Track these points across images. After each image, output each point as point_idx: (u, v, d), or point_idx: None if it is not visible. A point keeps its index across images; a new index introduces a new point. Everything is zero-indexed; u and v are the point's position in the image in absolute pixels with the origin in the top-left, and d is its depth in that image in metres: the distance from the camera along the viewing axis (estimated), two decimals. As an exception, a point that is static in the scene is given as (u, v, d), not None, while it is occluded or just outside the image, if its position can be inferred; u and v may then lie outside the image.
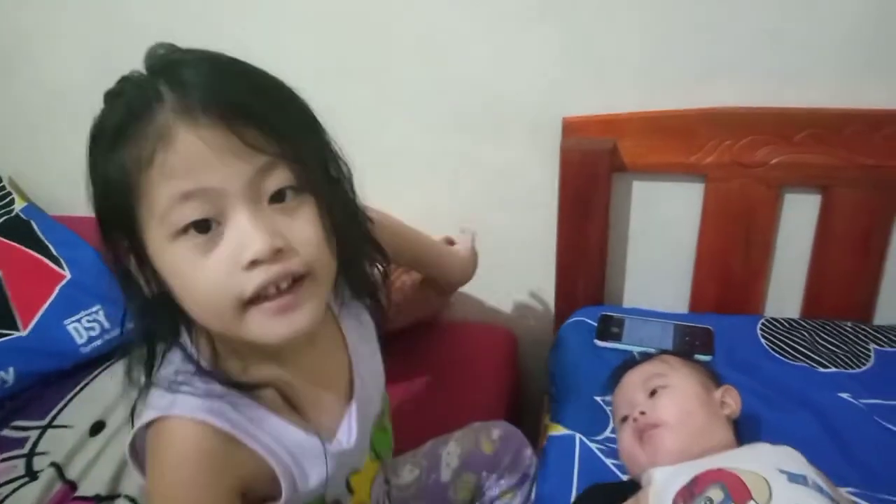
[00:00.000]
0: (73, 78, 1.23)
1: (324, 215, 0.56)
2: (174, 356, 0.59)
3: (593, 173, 1.06)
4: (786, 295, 1.14)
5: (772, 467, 0.69)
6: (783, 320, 1.10)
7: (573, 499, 0.82)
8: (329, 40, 1.11)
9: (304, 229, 0.55)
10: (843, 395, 0.94)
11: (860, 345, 1.04)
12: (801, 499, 0.65)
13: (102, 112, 0.53)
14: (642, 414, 0.81)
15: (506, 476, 0.90)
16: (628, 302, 1.22)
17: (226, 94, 0.51)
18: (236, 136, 0.50)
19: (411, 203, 0.89)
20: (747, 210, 1.07)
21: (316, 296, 0.56)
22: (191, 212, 0.51)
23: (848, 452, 0.86)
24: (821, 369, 1.00)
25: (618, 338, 1.08)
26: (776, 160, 1.02)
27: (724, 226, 1.09)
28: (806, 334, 1.06)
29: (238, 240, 0.52)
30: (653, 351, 0.99)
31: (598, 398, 0.97)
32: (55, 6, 1.19)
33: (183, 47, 0.54)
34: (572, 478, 0.85)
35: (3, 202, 1.23)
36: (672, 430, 0.78)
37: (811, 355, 1.02)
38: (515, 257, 1.22)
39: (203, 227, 0.52)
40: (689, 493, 0.69)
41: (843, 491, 0.77)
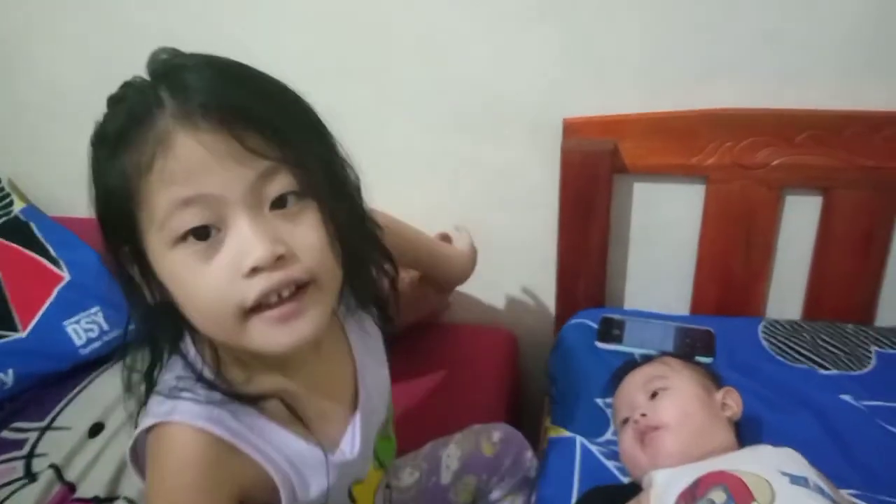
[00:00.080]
0: (72, 79, 1.22)
1: (327, 221, 0.55)
2: (176, 363, 0.58)
3: (594, 174, 1.06)
4: (787, 296, 1.14)
5: (773, 469, 0.69)
6: (784, 322, 1.10)
7: (574, 501, 0.82)
8: (329, 40, 1.10)
9: (307, 235, 0.54)
10: (845, 396, 0.94)
11: (861, 347, 1.04)
12: (803, 501, 0.66)
13: (104, 117, 0.53)
14: (643, 416, 0.81)
15: (506, 478, 0.90)
16: (629, 303, 1.22)
17: (226, 99, 0.51)
18: (237, 141, 0.50)
19: (411, 203, 0.88)
20: (748, 212, 1.07)
21: (320, 303, 0.55)
22: (190, 218, 0.50)
23: (849, 454, 0.86)
24: (822, 371, 1.00)
25: (619, 340, 1.08)
26: (777, 162, 1.02)
27: (725, 227, 1.09)
28: (807, 336, 1.06)
29: (239, 247, 0.51)
30: (654, 353, 0.99)
31: (599, 400, 0.97)
32: (55, 6, 1.19)
33: (186, 52, 0.54)
34: (573, 480, 0.85)
35: (1, 203, 1.23)
36: (673, 432, 0.78)
37: (812, 357, 1.02)
38: (516, 258, 1.22)
39: (202, 234, 0.51)
40: (692, 495, 0.69)
41: (845, 493, 0.77)
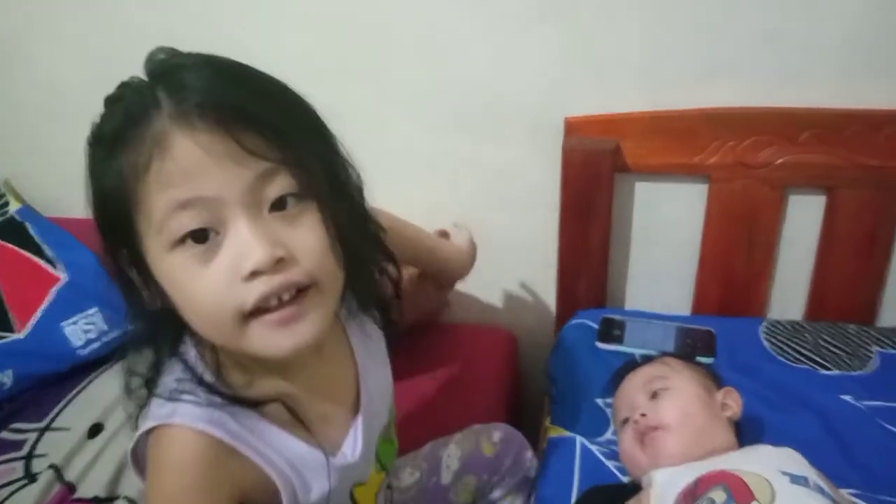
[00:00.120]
0: (72, 79, 1.22)
1: (328, 223, 0.54)
2: (176, 365, 0.58)
3: (595, 174, 1.06)
4: (789, 297, 1.13)
5: (774, 469, 0.69)
6: (786, 323, 1.10)
7: (574, 501, 0.82)
8: (329, 40, 1.10)
9: (307, 238, 0.53)
10: (846, 397, 0.94)
11: (863, 347, 1.03)
12: (804, 500, 0.65)
13: (101, 117, 0.52)
14: (643, 416, 0.80)
15: (506, 478, 0.90)
16: (630, 304, 1.22)
17: (224, 98, 0.50)
18: (235, 142, 0.49)
19: (411, 203, 0.88)
20: (751, 211, 1.07)
21: (321, 307, 0.54)
22: (188, 221, 0.50)
23: (850, 454, 0.85)
24: (823, 371, 0.99)
25: (619, 340, 1.08)
26: (780, 161, 1.02)
27: (727, 227, 1.09)
28: (808, 336, 1.06)
29: (237, 249, 0.50)
30: (654, 353, 0.99)
31: (599, 400, 0.97)
32: (55, 6, 1.19)
33: (184, 51, 0.53)
34: (573, 480, 0.85)
35: (-2, 204, 1.23)
36: (673, 433, 0.78)
37: (814, 357, 1.02)
38: (516, 258, 1.22)
39: (201, 237, 0.50)
40: (692, 494, 0.68)
41: (845, 493, 0.77)
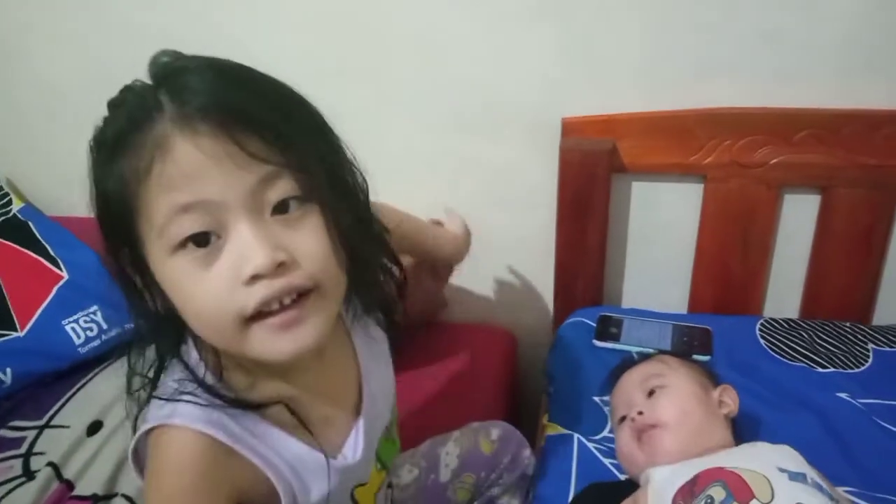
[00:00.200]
0: (72, 79, 1.22)
1: (331, 226, 0.54)
2: (177, 366, 0.58)
3: (593, 174, 1.06)
4: (785, 295, 1.14)
5: (772, 466, 0.69)
6: (782, 320, 1.10)
7: (571, 498, 0.82)
8: (329, 40, 1.11)
9: (309, 241, 0.52)
10: (842, 395, 0.94)
11: (859, 345, 1.04)
12: (802, 497, 0.65)
13: (104, 121, 0.52)
14: (640, 414, 0.81)
15: (504, 476, 0.90)
16: (627, 302, 1.22)
17: (226, 102, 0.50)
18: (237, 146, 0.49)
19: (411, 203, 0.88)
20: (746, 210, 1.07)
21: (323, 310, 0.54)
22: (189, 225, 0.49)
23: (846, 452, 0.86)
24: (819, 369, 1.00)
25: (616, 338, 1.08)
26: (775, 160, 1.03)
27: (723, 226, 1.09)
28: (805, 334, 1.06)
29: (239, 253, 0.50)
30: (651, 351, 0.99)
31: (597, 398, 0.97)
32: (55, 6, 1.19)
33: (188, 54, 0.53)
34: (570, 477, 0.86)
35: (0, 203, 1.23)
36: (670, 430, 0.78)
37: (810, 355, 1.02)
38: (514, 257, 1.22)
39: (202, 241, 0.50)
40: (690, 491, 0.69)
41: (842, 490, 0.77)
